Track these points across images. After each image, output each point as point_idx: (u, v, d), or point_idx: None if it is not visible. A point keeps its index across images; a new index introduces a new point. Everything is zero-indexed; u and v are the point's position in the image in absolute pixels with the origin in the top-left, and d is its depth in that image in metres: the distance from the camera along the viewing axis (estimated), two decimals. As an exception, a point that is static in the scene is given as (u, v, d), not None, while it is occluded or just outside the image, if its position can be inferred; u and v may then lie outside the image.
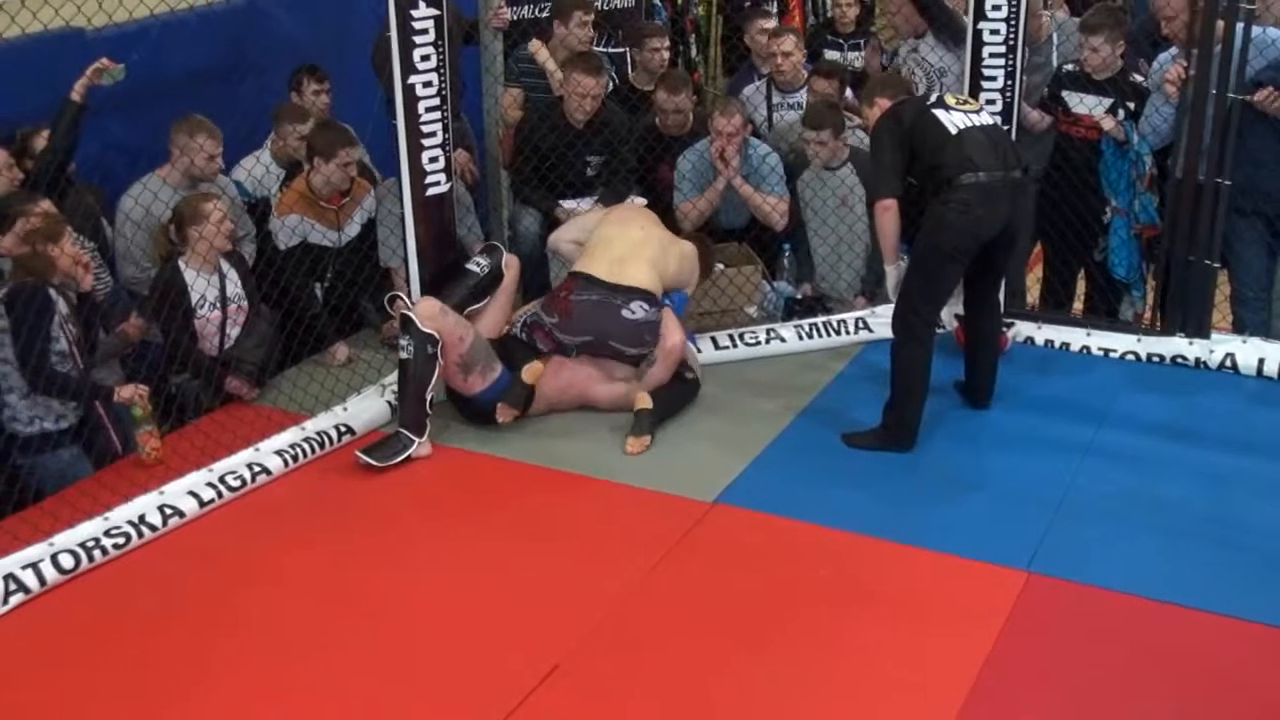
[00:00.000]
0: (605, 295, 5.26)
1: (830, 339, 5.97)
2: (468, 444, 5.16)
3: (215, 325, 5.37)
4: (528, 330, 5.37)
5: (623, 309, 5.25)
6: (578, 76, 6.08)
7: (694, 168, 6.26)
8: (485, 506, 4.71)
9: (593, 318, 5.26)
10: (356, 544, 4.46)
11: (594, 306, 5.26)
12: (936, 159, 4.88)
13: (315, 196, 5.78)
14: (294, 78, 6.36)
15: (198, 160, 5.50)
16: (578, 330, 5.28)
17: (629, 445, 5.08)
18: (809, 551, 4.36)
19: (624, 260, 5.34)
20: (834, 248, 6.22)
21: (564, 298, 5.30)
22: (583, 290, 5.28)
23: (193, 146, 5.49)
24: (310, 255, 5.77)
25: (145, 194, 5.42)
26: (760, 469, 4.91)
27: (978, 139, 4.91)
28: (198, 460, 4.82)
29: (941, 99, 5.15)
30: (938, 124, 4.95)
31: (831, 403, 5.42)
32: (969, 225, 4.84)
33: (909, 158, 4.98)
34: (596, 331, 5.28)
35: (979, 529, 4.44)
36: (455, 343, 5.07)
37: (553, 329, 5.30)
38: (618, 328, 5.27)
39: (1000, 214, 4.89)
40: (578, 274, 5.36)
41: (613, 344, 5.31)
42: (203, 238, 5.22)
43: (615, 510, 4.67)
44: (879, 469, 4.88)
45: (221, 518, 4.64)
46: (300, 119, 6.01)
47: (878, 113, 5.18)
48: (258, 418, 5.18)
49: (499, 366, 5.21)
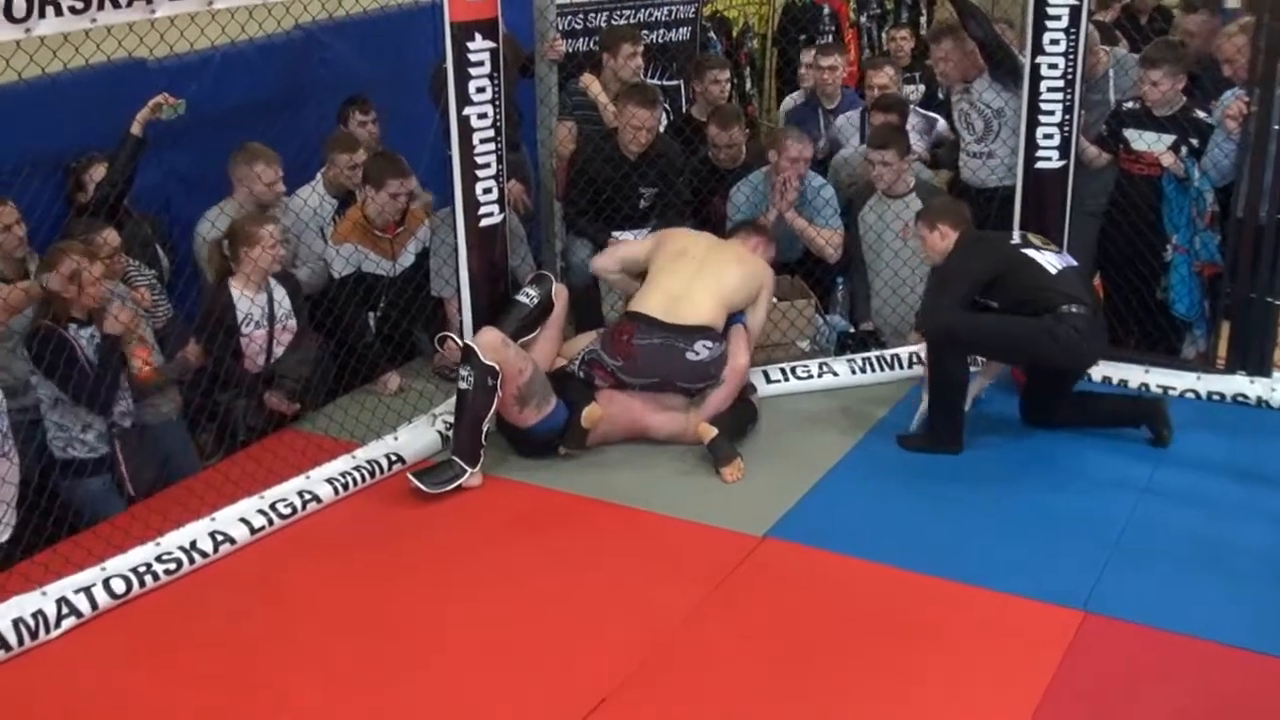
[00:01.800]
0: (667, 338, 5.25)
1: (884, 373, 5.94)
2: (517, 474, 5.17)
3: (260, 344, 5.41)
4: (586, 367, 5.35)
5: (686, 352, 5.25)
6: (632, 109, 6.10)
7: (748, 199, 6.26)
8: (532, 538, 4.72)
9: (657, 362, 5.26)
10: (405, 574, 4.47)
11: (657, 351, 5.24)
12: (1035, 295, 5.12)
13: (370, 226, 5.82)
14: (341, 109, 6.43)
15: (256, 188, 5.59)
16: (642, 374, 5.28)
17: (726, 475, 5.07)
18: (860, 588, 4.33)
19: (681, 298, 5.33)
20: (889, 281, 6.20)
21: (626, 341, 5.28)
22: (644, 334, 5.26)
23: (251, 175, 5.58)
24: (364, 284, 5.81)
25: (221, 218, 5.52)
26: (812, 503, 4.89)
27: (1074, 279, 5.21)
28: (249, 487, 4.86)
29: (1026, 238, 5.41)
30: (1034, 264, 5.19)
31: (884, 438, 5.38)
32: (1072, 351, 5.09)
33: (984, 291, 5.19)
34: (661, 374, 5.29)
35: (1034, 567, 4.40)
36: (515, 375, 5.07)
37: (616, 371, 5.29)
38: (683, 370, 5.28)
39: (1096, 354, 5.30)
40: (636, 315, 5.33)
41: (678, 384, 5.33)
42: (251, 259, 5.29)
43: (663, 543, 4.66)
44: (931, 505, 4.85)
45: (272, 545, 4.66)
46: (350, 148, 6.06)
47: (940, 240, 5.37)
48: (309, 445, 5.21)
49: (554, 400, 5.21)
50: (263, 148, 5.64)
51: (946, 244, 5.35)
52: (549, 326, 5.48)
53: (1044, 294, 5.11)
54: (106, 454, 4.88)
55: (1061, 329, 5.03)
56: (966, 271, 5.26)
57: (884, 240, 6.14)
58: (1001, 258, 5.28)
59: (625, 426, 5.35)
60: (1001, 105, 6.10)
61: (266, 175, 5.59)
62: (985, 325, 5.20)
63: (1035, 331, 5.06)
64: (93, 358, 4.78)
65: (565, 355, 5.54)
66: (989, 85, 6.14)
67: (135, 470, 4.97)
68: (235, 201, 5.64)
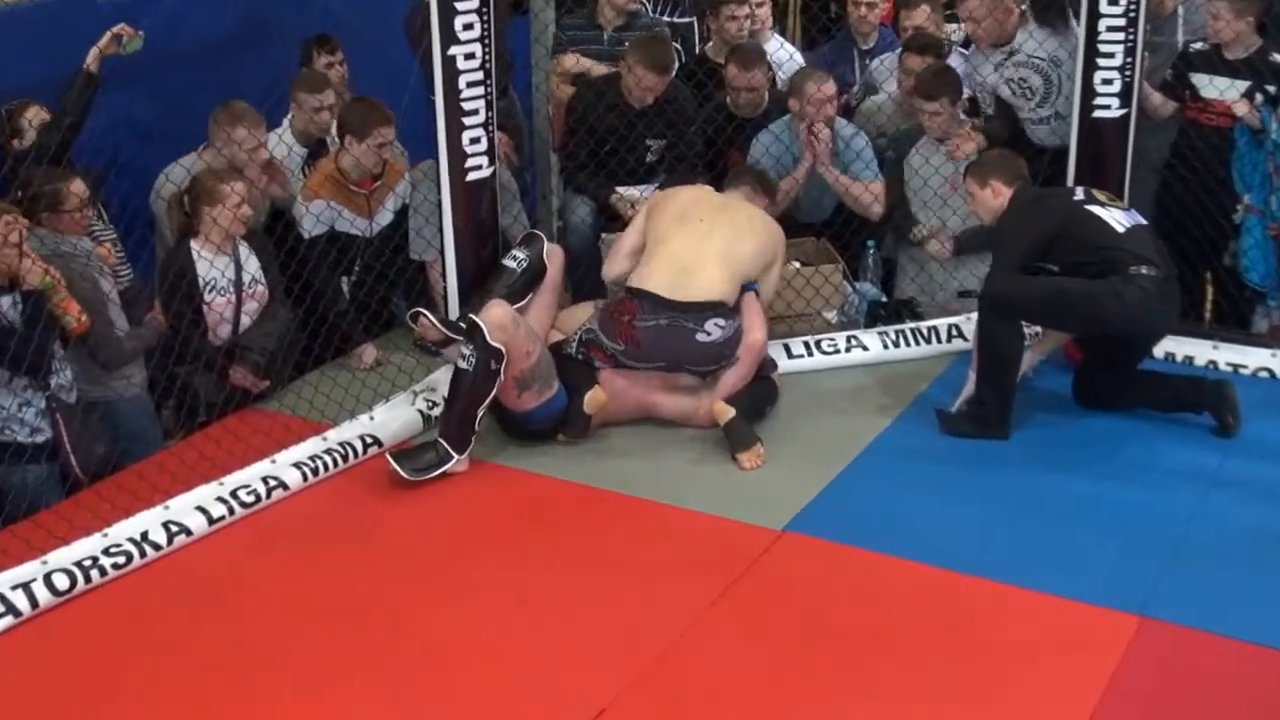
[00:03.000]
0: (674, 318, 5.21)
1: (920, 347, 5.93)
2: (508, 459, 5.17)
3: (224, 312, 5.42)
4: (585, 350, 5.33)
5: (696, 333, 5.22)
6: (640, 71, 6.07)
7: (769, 151, 6.24)
8: (526, 531, 4.72)
9: (663, 346, 5.24)
10: (383, 570, 4.47)
11: (663, 333, 5.22)
12: (1101, 255, 5.10)
13: (344, 179, 5.81)
14: (304, 49, 6.41)
15: (239, 157, 5.55)
16: (648, 359, 5.26)
17: (743, 461, 5.06)
18: (891, 588, 4.32)
19: (689, 270, 5.28)
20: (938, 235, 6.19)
21: (627, 323, 5.24)
22: (648, 314, 5.22)
23: (232, 141, 5.53)
24: (337, 245, 5.80)
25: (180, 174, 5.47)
26: (836, 493, 4.88)
27: (1145, 238, 5.18)
28: (207, 472, 4.85)
29: (1090, 194, 5.34)
30: (1099, 221, 5.17)
31: (920, 420, 5.38)
32: (1142, 314, 5.07)
33: (1043, 253, 5.17)
34: (669, 359, 5.27)
35: (1086, 566, 4.39)
36: (520, 359, 5.03)
37: (617, 355, 5.27)
38: (693, 353, 5.26)
39: (1169, 319, 5.27)
40: (638, 292, 5.28)
41: (688, 368, 5.31)
42: (211, 219, 5.28)
43: (671, 537, 4.66)
44: (972, 496, 4.85)
45: (232, 536, 4.66)
46: (317, 87, 6.02)
47: (993, 197, 5.35)
48: (274, 426, 5.21)
49: (556, 384, 5.19)
50: (246, 108, 5.60)
51: (1000, 202, 5.34)
52: (542, 293, 5.46)
53: (1110, 255, 5.08)
54: (50, 437, 4.87)
55: (1129, 291, 5.00)
56: (1022, 231, 5.24)
57: (924, 194, 6.13)
58: (1062, 216, 5.25)
59: (631, 407, 5.35)
60: (1057, 56, 6.06)
61: (248, 140, 5.55)
62: (1041, 287, 5.19)
63: (1100, 293, 5.03)
64: (17, 321, 4.75)
65: (562, 329, 5.52)
66: (1036, 34, 6.10)
67: (83, 452, 4.96)
68: (203, 161, 5.61)
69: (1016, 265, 5.20)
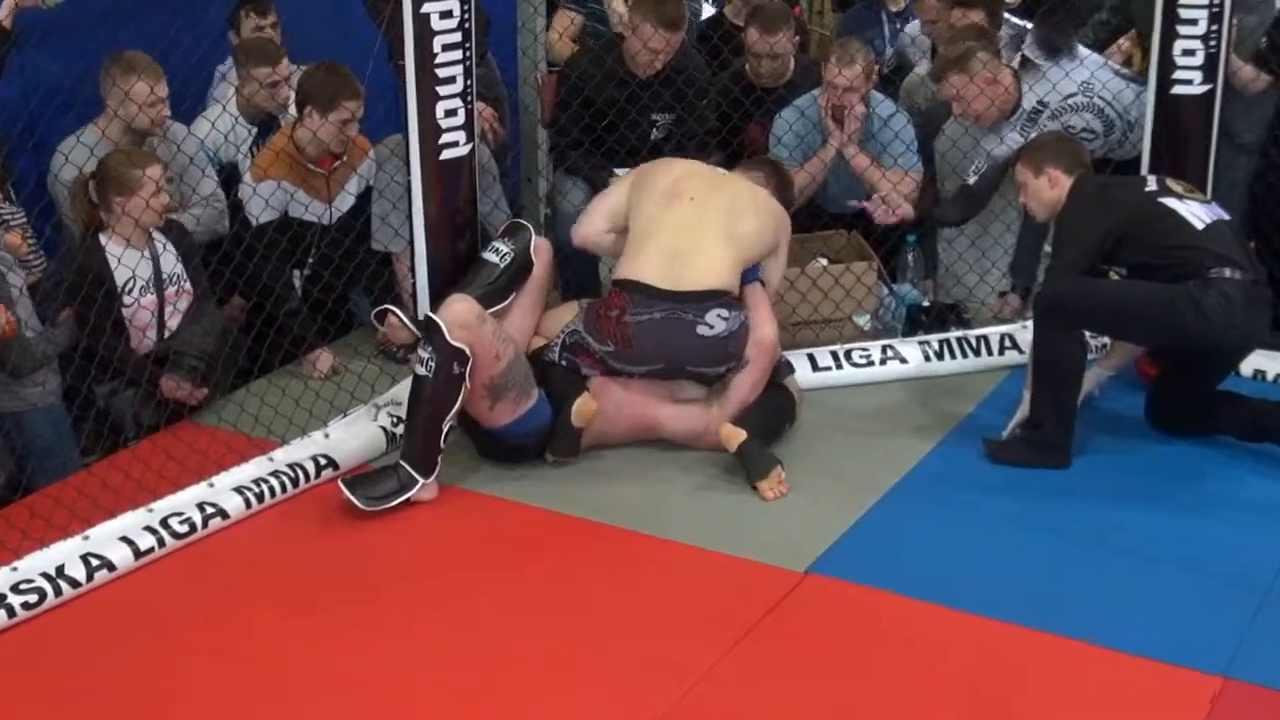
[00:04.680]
0: (670, 310, 5.20)
1: (968, 360, 5.96)
2: (485, 485, 5.17)
3: (150, 314, 5.43)
4: (569, 355, 5.33)
5: (698, 325, 5.21)
6: (648, 28, 6.07)
7: (793, 129, 6.26)
8: (506, 571, 4.71)
9: (660, 343, 5.22)
10: (336, 612, 4.47)
11: (658, 327, 5.21)
12: (1176, 255, 5.12)
13: (301, 157, 5.82)
14: (232, 12, 6.42)
15: (131, 112, 5.55)
16: (642, 360, 5.26)
17: (763, 490, 5.06)
18: (930, 641, 4.32)
19: (684, 254, 5.27)
20: (975, 239, 6.20)
21: (616, 319, 5.23)
22: (640, 307, 5.21)
23: (129, 99, 5.52)
24: (289, 233, 5.80)
25: (79, 152, 5.45)
26: (869, 529, 4.89)
27: (1228, 236, 5.19)
28: (133, 497, 4.85)
29: (1164, 184, 5.34)
30: (1174, 217, 5.20)
31: (966, 445, 5.39)
32: (1222, 325, 5.04)
33: (1110, 253, 5.19)
34: (667, 358, 5.26)
35: (1158, 618, 4.39)
36: (490, 362, 5.02)
37: (607, 358, 5.27)
38: (695, 350, 5.24)
39: (1254, 333, 5.25)
40: (627, 284, 5.27)
41: (690, 369, 5.31)
42: (127, 213, 5.30)
43: (677, 580, 4.65)
44: (1026, 535, 4.85)
45: (163, 572, 4.66)
46: (272, 59, 6.05)
47: (1049, 188, 5.37)
48: (212, 443, 5.21)
49: (535, 393, 5.19)
50: (142, 57, 5.59)
51: (1057, 193, 5.35)
52: (526, 293, 5.46)
53: (1188, 255, 5.09)
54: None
55: (1209, 297, 5.00)
56: (1084, 228, 5.25)
57: (961, 173, 6.15)
58: (1131, 210, 5.27)
59: (628, 424, 5.35)
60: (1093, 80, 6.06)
61: (143, 94, 5.54)
62: (1107, 292, 5.21)
63: (1174, 300, 5.03)
64: None
65: (544, 333, 5.52)
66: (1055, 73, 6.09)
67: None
68: (97, 130, 5.62)
69: (1079, 267, 5.21)
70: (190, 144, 5.87)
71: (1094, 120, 6.16)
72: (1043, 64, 6.19)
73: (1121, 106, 6.16)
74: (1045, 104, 6.16)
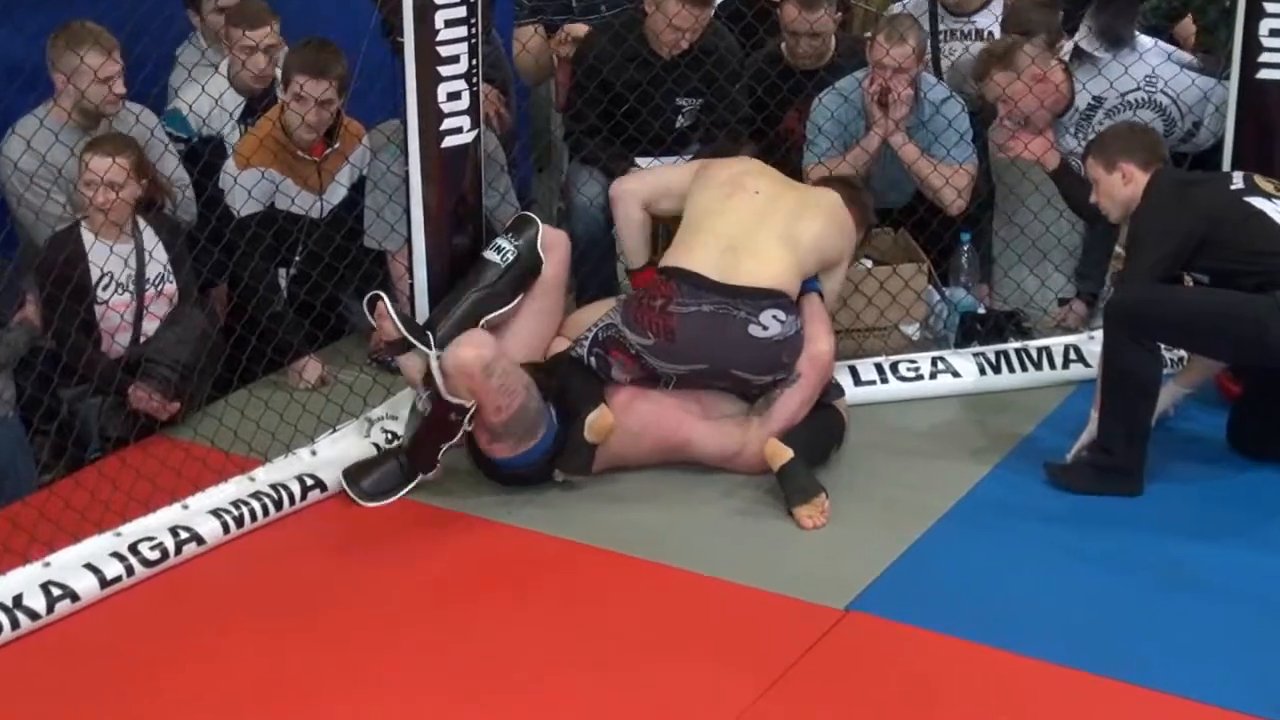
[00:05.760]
0: (722, 304, 5.21)
1: (1027, 374, 5.98)
2: (491, 510, 5.19)
3: (121, 316, 5.47)
4: (600, 351, 5.33)
5: (750, 324, 5.21)
6: (672, 5, 6.06)
7: (835, 116, 6.27)
8: (517, 604, 4.72)
9: (708, 339, 5.22)
10: (323, 651, 4.48)
11: (708, 322, 5.21)
12: (1264, 262, 5.12)
13: (288, 143, 5.86)
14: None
15: (84, 86, 5.58)
16: (685, 357, 5.24)
17: (802, 518, 5.07)
18: (981, 686, 4.33)
19: (741, 248, 5.30)
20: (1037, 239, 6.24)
21: (661, 308, 5.22)
22: (688, 297, 5.22)
23: (76, 65, 5.53)
24: (274, 228, 5.83)
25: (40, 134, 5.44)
26: (915, 562, 4.91)
27: None
28: (100, 519, 4.87)
29: (1251, 181, 5.33)
30: (1263, 217, 5.21)
31: (1024, 469, 5.40)
32: None
33: (1190, 258, 5.21)
34: (713, 358, 5.25)
35: (1236, 665, 4.38)
36: (492, 413, 5.07)
37: (644, 354, 5.26)
38: (745, 351, 5.24)
39: None
40: (675, 271, 5.28)
41: (736, 373, 5.30)
42: (94, 205, 5.36)
43: (704, 617, 4.65)
44: (1090, 571, 4.86)
45: (131, 603, 4.68)
46: (256, 21, 6.05)
47: (1123, 185, 5.37)
48: (187, 460, 5.22)
49: (541, 433, 5.19)
50: (94, 28, 5.61)
51: (1132, 190, 5.37)
52: (537, 295, 5.48)
53: (1276, 262, 5.12)
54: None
55: None
56: (1163, 230, 5.27)
57: (1015, 179, 6.16)
58: (1214, 210, 5.27)
59: (653, 443, 5.34)
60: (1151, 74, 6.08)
61: (98, 65, 5.54)
62: (1186, 302, 5.24)
63: (1260, 311, 5.04)
64: None
65: (570, 335, 5.53)
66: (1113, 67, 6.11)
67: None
68: (60, 109, 5.66)
69: (1155, 272, 5.22)
70: (148, 119, 5.87)
71: (1155, 119, 6.14)
72: (1100, 56, 6.20)
73: (1186, 105, 6.16)
74: (1101, 100, 6.18)
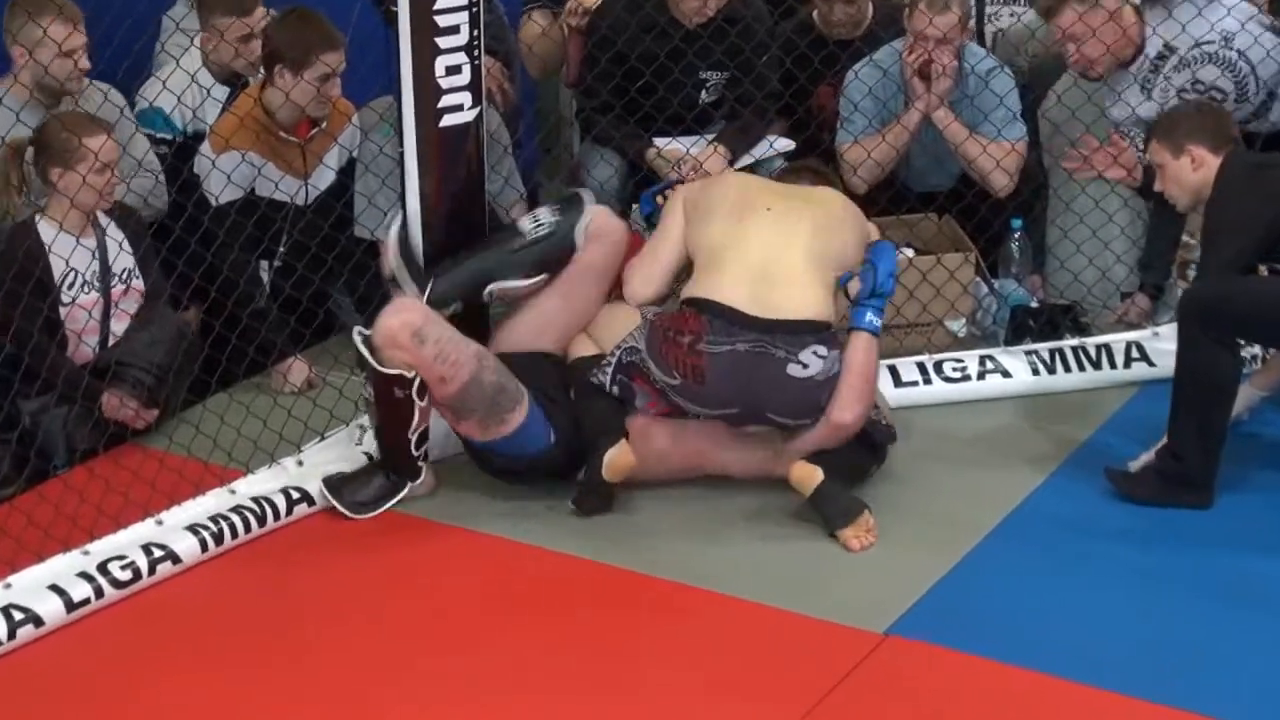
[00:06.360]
0: (758, 342, 5.10)
1: (1085, 374, 5.98)
2: (502, 528, 5.18)
3: (89, 315, 5.48)
4: (624, 378, 5.26)
5: (789, 363, 5.11)
6: None
7: (871, 92, 6.29)
8: (526, 631, 4.70)
9: (740, 382, 5.12)
10: (312, 680, 4.47)
11: (741, 362, 5.10)
12: None
13: (272, 125, 5.86)
14: None
15: (45, 57, 5.59)
16: (715, 400, 5.17)
17: (849, 540, 5.04)
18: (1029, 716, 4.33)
19: (774, 276, 5.18)
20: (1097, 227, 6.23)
21: (689, 347, 5.11)
22: (719, 334, 5.10)
23: (37, 37, 5.53)
24: (256, 216, 5.83)
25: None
26: (962, 582, 4.90)
27: None
28: (66, 536, 4.86)
29: None
30: None
31: (1082, 479, 5.39)
32: None
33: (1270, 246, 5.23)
34: (746, 401, 5.17)
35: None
36: (435, 384, 5.05)
37: (671, 393, 5.19)
38: (782, 393, 5.15)
39: None
40: (703, 304, 5.16)
41: (772, 417, 5.24)
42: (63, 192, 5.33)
43: (735, 642, 4.65)
44: (1154, 590, 4.84)
45: (100, 628, 4.67)
46: (243, 9, 6.09)
47: (1192, 170, 5.35)
48: (162, 472, 5.22)
49: (515, 418, 5.11)
50: None
51: (1202, 176, 5.34)
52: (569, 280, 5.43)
53: None
54: None
55: None
56: (1241, 217, 5.26)
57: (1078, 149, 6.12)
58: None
59: (678, 465, 5.32)
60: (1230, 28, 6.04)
61: (62, 36, 5.53)
62: (1265, 294, 5.24)
63: None
64: None
65: (597, 337, 5.47)
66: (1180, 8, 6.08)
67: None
68: (20, 85, 5.68)
69: (1234, 263, 5.21)
70: (115, 96, 5.89)
71: (1224, 78, 6.10)
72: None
73: (1262, 78, 6.11)
74: (1172, 49, 6.14)
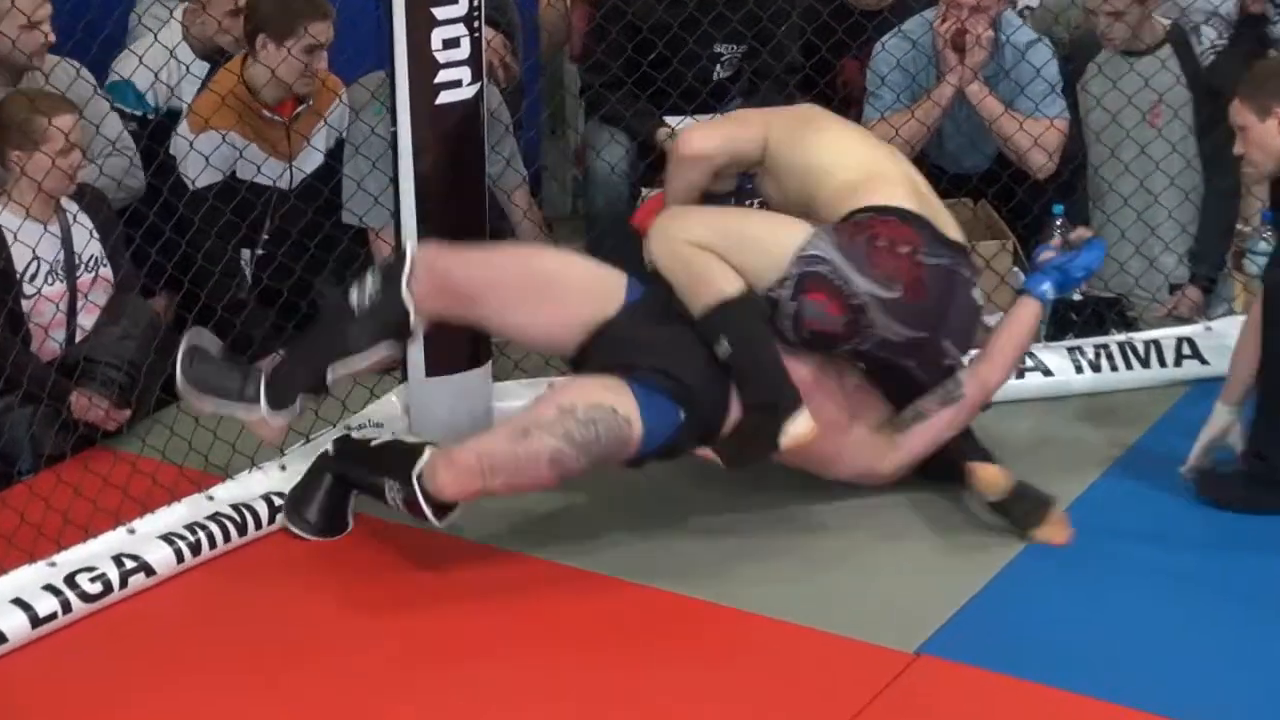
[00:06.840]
0: (955, 260, 5.09)
1: (1133, 372, 5.96)
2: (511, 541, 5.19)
3: (56, 308, 5.51)
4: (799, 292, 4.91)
5: (973, 286, 5.17)
6: None
7: (900, 64, 6.31)
8: (537, 648, 4.71)
9: (946, 300, 5.07)
10: (294, 701, 4.47)
11: (951, 281, 5.07)
12: None
13: (255, 103, 5.87)
14: None
15: (14, 33, 5.61)
16: (920, 320, 5.03)
17: (1051, 538, 5.06)
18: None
19: (927, 198, 5.17)
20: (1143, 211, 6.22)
21: (908, 256, 4.98)
22: (934, 246, 5.04)
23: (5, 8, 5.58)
24: (236, 201, 5.86)
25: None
26: (998, 597, 4.90)
27: None
28: (30, 547, 4.86)
29: None
30: None
31: (1129, 483, 5.41)
32: None
33: None
34: (939, 325, 5.08)
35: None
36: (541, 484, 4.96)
37: (874, 308, 4.92)
38: (962, 318, 5.14)
39: None
40: (906, 215, 5.03)
41: (945, 345, 5.14)
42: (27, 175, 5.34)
43: (756, 662, 4.66)
44: (1208, 605, 4.84)
45: (68, 645, 4.67)
46: None
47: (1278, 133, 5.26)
48: (134, 477, 5.24)
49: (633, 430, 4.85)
50: None
51: None
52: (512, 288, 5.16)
53: None
54: None
55: None
56: None
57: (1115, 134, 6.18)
58: None
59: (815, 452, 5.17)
60: None
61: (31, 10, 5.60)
62: None
63: None
64: None
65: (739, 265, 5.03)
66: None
67: None
68: None
69: None
70: (87, 74, 5.89)
71: None
72: None
73: None
74: None
